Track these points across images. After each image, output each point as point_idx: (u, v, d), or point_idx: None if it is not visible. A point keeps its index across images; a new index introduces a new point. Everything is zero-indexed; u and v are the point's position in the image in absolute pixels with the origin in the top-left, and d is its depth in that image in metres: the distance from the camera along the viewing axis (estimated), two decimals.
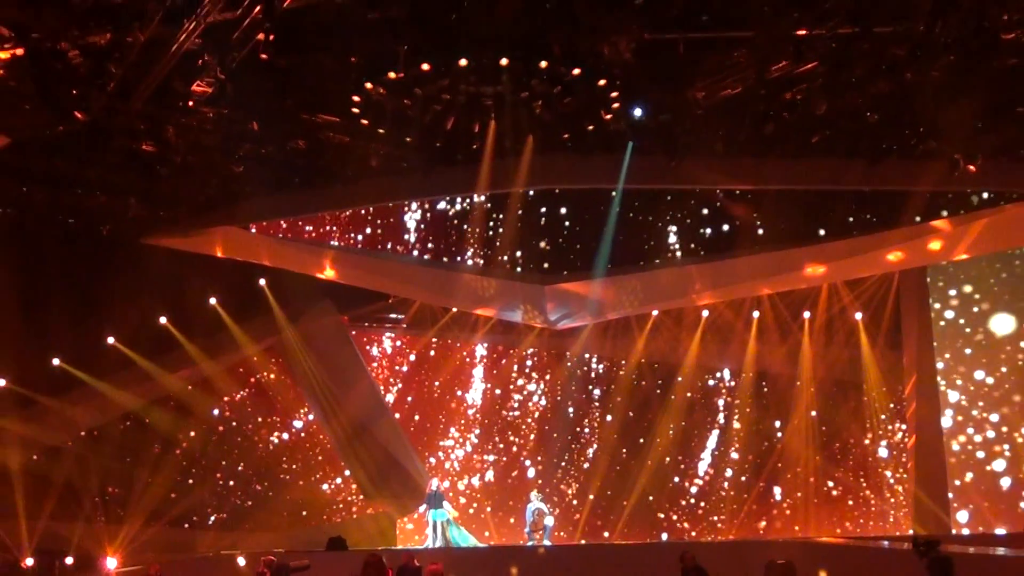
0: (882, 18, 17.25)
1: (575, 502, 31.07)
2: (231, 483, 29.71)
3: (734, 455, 30.78)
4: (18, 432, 25.19)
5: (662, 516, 30.76)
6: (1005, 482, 27.17)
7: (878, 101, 20.08)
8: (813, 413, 30.07)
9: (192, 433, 28.78)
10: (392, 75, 19.27)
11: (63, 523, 25.47)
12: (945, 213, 24.38)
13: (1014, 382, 27.32)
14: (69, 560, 25.50)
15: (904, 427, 29.42)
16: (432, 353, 32.22)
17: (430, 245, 29.88)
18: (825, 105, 20.16)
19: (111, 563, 24.08)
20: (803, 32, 17.79)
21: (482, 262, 28.70)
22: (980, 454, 27.50)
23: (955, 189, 23.38)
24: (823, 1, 16.56)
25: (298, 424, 30.87)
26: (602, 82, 19.78)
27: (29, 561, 24.73)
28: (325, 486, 30.89)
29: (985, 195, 24.53)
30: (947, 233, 24.38)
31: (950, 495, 27.46)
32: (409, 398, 32.13)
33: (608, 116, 21.34)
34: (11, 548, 24.65)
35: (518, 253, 28.78)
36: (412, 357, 32.33)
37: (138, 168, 22.10)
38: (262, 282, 27.97)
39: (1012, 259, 27.33)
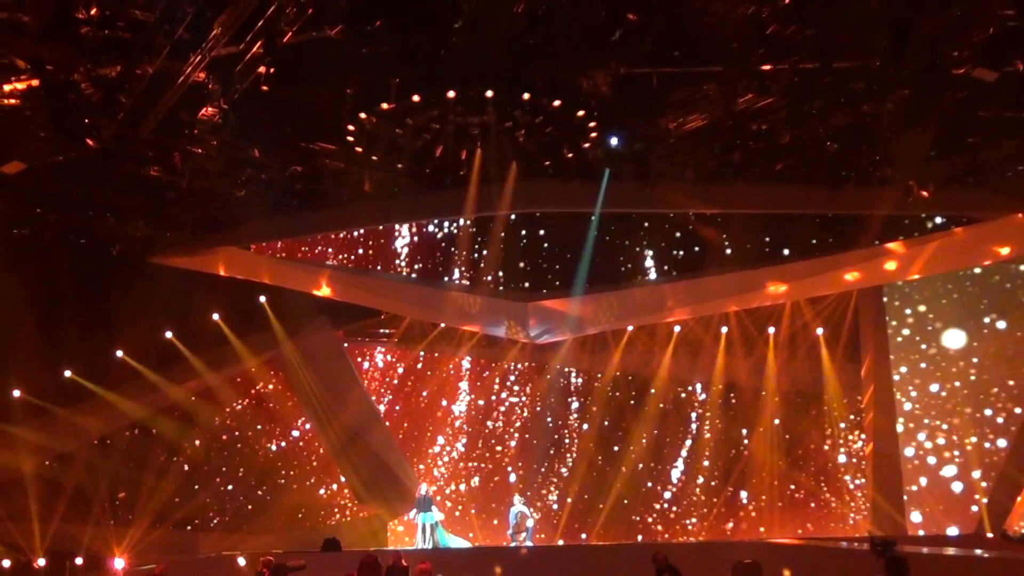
0: (841, 54, 17.34)
1: (555, 506, 31.04)
2: (232, 488, 29.68)
3: (704, 462, 30.78)
4: (32, 440, 25.22)
5: (637, 519, 30.74)
6: (956, 486, 27.24)
7: (838, 131, 20.15)
8: (777, 422, 30.11)
9: (196, 441, 28.76)
10: (385, 106, 19.27)
11: (74, 525, 25.44)
12: (901, 237, 24.52)
13: (965, 395, 27.39)
14: (79, 560, 25.44)
15: (862, 435, 29.48)
16: (420, 366, 32.17)
17: (419, 265, 29.90)
18: (788, 135, 20.33)
19: (119, 563, 23.98)
20: (768, 67, 17.88)
21: (468, 281, 28.72)
22: (932, 460, 27.56)
23: (909, 214, 23.49)
24: (786, 38, 16.62)
25: (295, 432, 30.82)
26: (581, 113, 19.82)
27: (41, 561, 24.65)
28: (321, 491, 30.83)
29: (939, 219, 24.65)
30: (901, 255, 24.49)
31: (905, 498, 27.52)
32: (397, 407, 32.09)
33: (586, 144, 21.38)
34: (24, 549, 24.56)
35: (501, 273, 28.75)
36: (402, 369, 32.28)
37: (146, 192, 22.13)
38: (262, 299, 27.95)
39: (963, 280, 27.43)
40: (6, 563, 23.41)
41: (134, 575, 22.42)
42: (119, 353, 26.35)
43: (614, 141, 21.33)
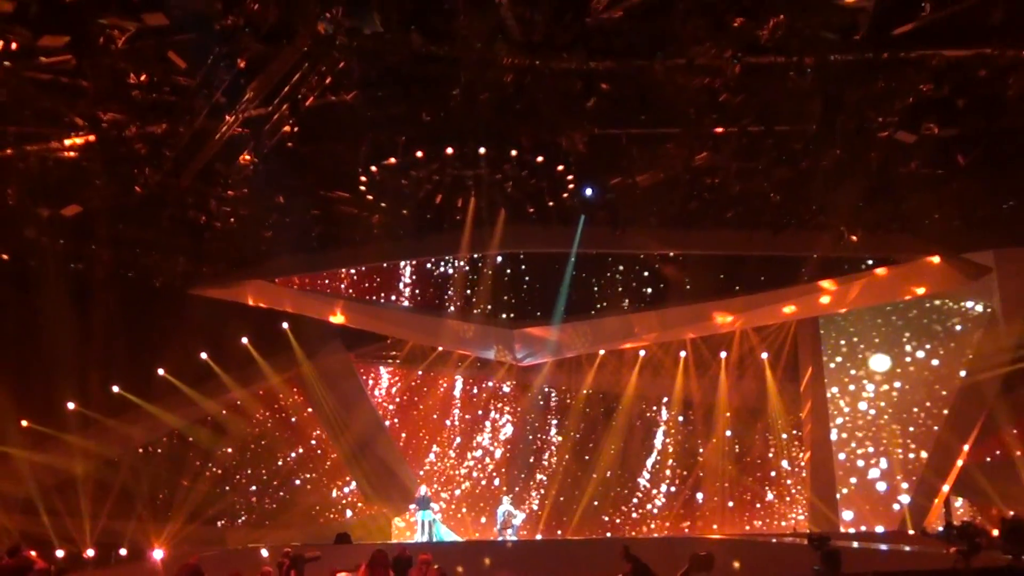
0: (782, 119, 17.54)
1: (536, 506, 30.90)
2: (257, 489, 29.57)
3: (665, 469, 30.73)
4: (83, 446, 25.10)
5: (606, 518, 30.58)
6: (881, 487, 27.31)
7: (779, 184, 20.25)
8: (728, 434, 30.10)
9: (226, 448, 28.64)
10: (392, 160, 19.37)
11: (119, 521, 25.28)
12: (834, 275, 24.66)
13: (890, 412, 27.49)
14: (123, 552, 25.27)
15: (801, 445, 29.53)
16: (420, 384, 32.05)
17: (419, 296, 29.89)
18: (737, 187, 20.46)
19: (158, 554, 23.81)
20: (720, 130, 18.03)
21: (462, 311, 28.71)
22: (860, 463, 27.64)
23: (841, 255, 23.60)
24: (735, 106, 16.77)
25: (312, 441, 30.65)
26: (560, 167, 19.93)
27: (90, 552, 24.49)
28: (333, 491, 30.63)
29: (869, 261, 24.75)
30: (832, 291, 24.70)
31: (838, 499, 27.56)
32: (399, 420, 31.89)
33: (565, 194, 21.47)
34: (76, 541, 24.42)
35: (491, 304, 28.68)
36: (404, 387, 32.19)
37: (186, 232, 22.09)
38: (285, 325, 27.93)
39: (888, 314, 27.55)
40: (60, 553, 23.26)
41: (172, 567, 22.26)
42: (160, 371, 26.26)
43: (588, 192, 21.43)
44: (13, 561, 14.29)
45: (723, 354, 29.69)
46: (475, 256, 27.02)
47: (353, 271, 28.78)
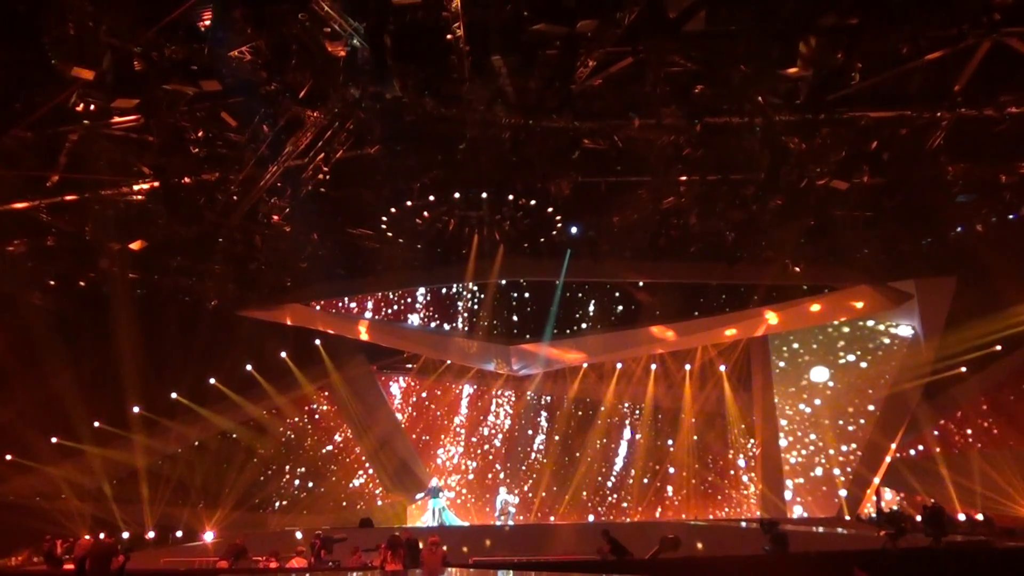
0: (736, 169, 17.62)
1: (530, 495, 30.78)
2: (292, 480, 29.42)
3: (639, 464, 30.65)
4: (147, 444, 25.07)
5: (590, 505, 30.52)
6: (822, 482, 27.22)
7: (734, 224, 20.32)
8: (695, 438, 30.13)
9: (268, 446, 28.55)
10: (409, 203, 19.45)
11: (175, 508, 25.27)
12: (779, 300, 24.68)
13: (827, 412, 27.48)
14: (179, 533, 25.18)
15: (753, 444, 29.47)
16: (431, 391, 32.03)
17: (432, 317, 29.87)
18: (698, 226, 20.48)
19: (208, 536, 23.71)
20: (683, 178, 18.11)
21: (467, 329, 28.72)
22: (804, 463, 27.57)
23: (786, 284, 23.63)
24: (696, 158, 16.84)
25: (339, 440, 30.56)
26: (550, 209, 20.02)
27: (151, 534, 24.40)
28: (358, 482, 30.54)
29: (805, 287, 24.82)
30: (777, 314, 24.74)
31: (788, 494, 27.48)
32: (411, 422, 31.90)
33: (554, 232, 21.58)
34: (140, 524, 24.34)
35: (492, 323, 28.74)
36: (418, 395, 32.12)
37: (234, 263, 22.11)
38: (317, 342, 27.91)
39: (828, 331, 27.62)
40: (125, 535, 23.13)
41: (221, 547, 22.17)
42: (212, 380, 26.26)
43: (573, 230, 21.55)
44: (109, 541, 14.39)
45: (687, 366, 29.74)
46: (478, 284, 27.03)
47: (376, 296, 28.82)
